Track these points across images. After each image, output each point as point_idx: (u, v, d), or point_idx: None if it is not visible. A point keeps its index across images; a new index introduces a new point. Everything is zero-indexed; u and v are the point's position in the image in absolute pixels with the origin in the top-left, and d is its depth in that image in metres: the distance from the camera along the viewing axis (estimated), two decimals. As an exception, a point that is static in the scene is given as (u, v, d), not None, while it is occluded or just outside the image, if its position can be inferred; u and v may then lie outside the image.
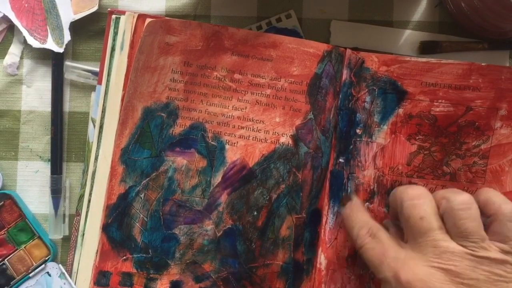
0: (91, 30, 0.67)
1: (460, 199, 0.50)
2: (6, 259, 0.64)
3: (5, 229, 0.64)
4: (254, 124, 0.62)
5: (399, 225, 0.56)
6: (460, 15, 0.64)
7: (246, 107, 0.63)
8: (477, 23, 0.63)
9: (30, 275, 0.64)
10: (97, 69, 0.65)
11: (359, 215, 0.58)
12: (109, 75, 0.64)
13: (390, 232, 0.56)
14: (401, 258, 0.51)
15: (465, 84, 0.62)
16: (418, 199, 0.52)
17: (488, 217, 0.52)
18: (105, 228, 0.63)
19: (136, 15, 0.64)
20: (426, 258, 0.50)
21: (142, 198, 0.63)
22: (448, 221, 0.50)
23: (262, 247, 0.62)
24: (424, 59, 0.62)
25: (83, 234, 0.63)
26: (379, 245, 0.53)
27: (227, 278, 0.62)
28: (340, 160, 0.62)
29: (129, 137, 0.63)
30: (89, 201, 0.64)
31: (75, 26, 0.67)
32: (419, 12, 0.67)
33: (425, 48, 0.66)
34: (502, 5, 0.57)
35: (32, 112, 0.67)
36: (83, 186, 0.64)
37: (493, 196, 0.52)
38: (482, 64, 0.62)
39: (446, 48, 0.66)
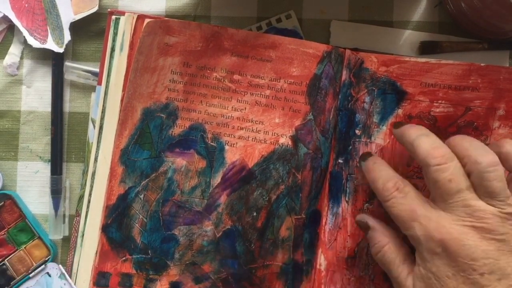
0: (91, 30, 0.67)
1: (488, 161, 0.51)
2: (6, 259, 0.64)
3: (5, 229, 0.64)
4: (254, 125, 0.62)
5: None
6: (460, 15, 0.64)
7: (245, 108, 0.63)
8: (477, 23, 0.63)
9: (30, 275, 0.64)
10: (97, 70, 0.65)
11: (384, 168, 0.58)
12: (109, 75, 0.64)
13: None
14: (434, 217, 0.51)
15: (464, 84, 0.61)
16: (444, 163, 0.52)
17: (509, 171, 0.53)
18: (105, 229, 0.63)
19: (135, 16, 0.64)
20: (458, 217, 0.50)
21: (142, 198, 0.63)
22: (476, 181, 0.51)
23: (262, 248, 0.62)
24: (423, 60, 0.62)
25: (83, 235, 0.63)
26: (408, 200, 0.53)
27: (226, 279, 0.62)
28: (339, 160, 0.62)
29: (128, 138, 0.63)
30: (88, 201, 0.64)
31: (75, 26, 0.67)
32: (419, 12, 0.67)
33: (425, 48, 0.66)
34: (502, 5, 0.57)
35: (32, 113, 0.67)
36: (83, 186, 0.64)
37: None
38: (481, 64, 0.62)
39: (446, 48, 0.66)
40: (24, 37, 0.66)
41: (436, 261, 0.50)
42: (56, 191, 0.65)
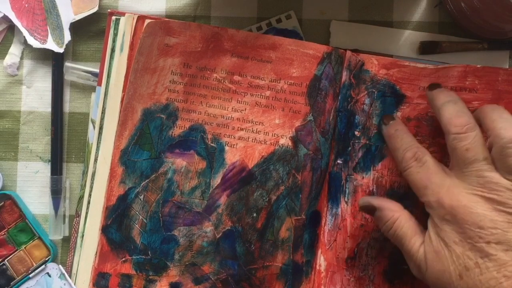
0: (91, 30, 0.67)
1: (510, 137, 0.51)
2: (6, 259, 0.64)
3: (5, 229, 0.65)
4: (254, 125, 0.63)
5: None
6: (460, 15, 0.64)
7: (245, 109, 0.63)
8: (477, 23, 0.63)
9: (30, 275, 0.64)
10: (97, 70, 0.65)
11: (405, 136, 0.58)
12: (109, 76, 0.64)
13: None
14: (446, 184, 0.52)
15: (461, 85, 0.62)
16: (465, 132, 0.52)
17: None
18: (105, 230, 0.63)
19: (136, 17, 0.64)
20: (470, 186, 0.51)
21: (142, 199, 0.63)
22: (496, 155, 0.51)
23: (262, 248, 0.62)
24: (422, 65, 0.62)
25: (83, 235, 0.64)
26: (425, 169, 0.54)
27: (226, 279, 0.62)
28: (339, 161, 0.62)
29: (128, 139, 0.63)
30: (88, 202, 0.64)
31: (75, 27, 0.67)
32: (419, 12, 0.67)
33: (425, 49, 0.66)
34: (502, 5, 0.57)
35: (32, 113, 0.67)
36: (83, 187, 0.64)
37: None
38: (478, 66, 0.62)
39: (446, 48, 0.66)
40: (24, 37, 0.66)
41: (445, 226, 0.51)
42: (56, 192, 0.65)
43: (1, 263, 0.64)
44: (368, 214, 0.60)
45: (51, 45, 0.66)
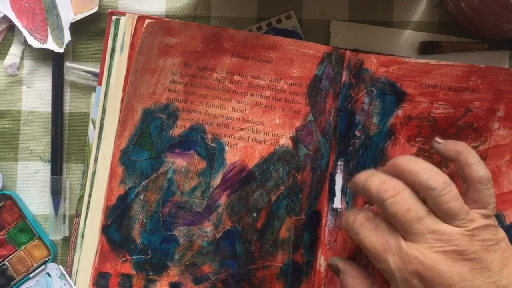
0: (91, 30, 0.67)
1: (440, 184, 0.50)
2: (6, 259, 0.64)
3: (5, 229, 0.65)
4: (254, 125, 0.63)
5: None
6: (460, 15, 0.64)
7: (245, 109, 0.63)
8: (477, 23, 0.63)
9: (30, 275, 0.64)
10: (97, 70, 0.65)
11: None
12: (109, 76, 0.64)
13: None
14: (403, 248, 0.50)
15: (464, 85, 0.62)
16: (398, 194, 0.51)
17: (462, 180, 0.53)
18: (105, 229, 0.63)
19: (136, 17, 0.64)
20: (427, 245, 0.50)
21: (142, 199, 0.63)
22: (433, 206, 0.50)
23: (262, 248, 0.62)
24: (423, 61, 0.62)
25: (83, 235, 0.64)
26: (380, 232, 0.53)
27: (226, 279, 0.62)
28: (339, 162, 0.62)
29: (128, 139, 0.63)
30: (88, 202, 0.64)
31: (75, 27, 0.67)
32: (419, 13, 0.67)
33: (425, 49, 0.66)
34: (502, 5, 0.57)
35: (32, 113, 0.67)
36: (83, 187, 0.64)
37: (469, 158, 0.53)
38: (481, 66, 0.62)
39: (446, 49, 0.66)
40: (24, 37, 0.66)
41: None
42: (56, 192, 0.65)
43: (1, 263, 0.64)
44: (335, 274, 0.59)
45: (51, 45, 0.66)
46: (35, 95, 0.67)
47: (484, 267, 0.49)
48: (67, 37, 0.66)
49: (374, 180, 0.53)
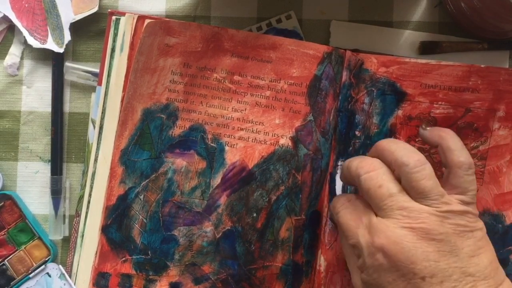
0: (91, 30, 0.67)
1: (413, 161, 0.50)
2: (6, 259, 0.64)
3: (5, 229, 0.65)
4: (254, 125, 0.63)
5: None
6: (460, 15, 0.64)
7: (245, 109, 0.63)
8: (477, 23, 0.63)
9: (30, 275, 0.64)
10: (97, 70, 0.65)
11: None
12: (109, 76, 0.64)
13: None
14: (373, 223, 0.51)
15: (464, 86, 0.61)
16: (373, 170, 0.52)
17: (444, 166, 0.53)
18: (105, 229, 0.63)
19: (136, 17, 0.64)
20: (395, 220, 0.49)
21: (142, 199, 0.63)
22: (406, 184, 0.50)
23: (262, 248, 0.62)
24: (423, 61, 0.62)
25: (83, 235, 0.64)
26: (357, 210, 0.53)
27: (226, 279, 0.62)
28: (340, 162, 0.62)
29: (128, 138, 0.63)
30: (88, 202, 0.64)
31: (75, 27, 0.67)
32: (419, 13, 0.67)
33: (425, 49, 0.66)
34: (502, 5, 0.57)
35: (32, 113, 0.67)
36: (83, 187, 0.64)
37: (452, 143, 0.53)
38: (482, 66, 0.61)
39: (446, 49, 0.66)
40: (24, 37, 0.66)
41: (377, 267, 0.50)
42: (56, 192, 0.65)
43: (1, 263, 0.64)
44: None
45: (51, 45, 0.66)
46: (35, 95, 0.67)
47: (452, 251, 0.48)
48: (67, 37, 0.66)
49: (354, 159, 0.54)
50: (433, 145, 0.55)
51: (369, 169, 0.52)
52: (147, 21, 0.64)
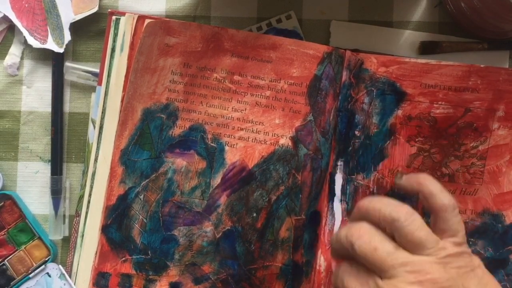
0: (91, 30, 0.67)
1: (403, 215, 0.50)
2: (6, 259, 0.64)
3: (5, 229, 0.65)
4: (254, 125, 0.63)
5: None
6: (460, 15, 0.64)
7: (245, 109, 0.63)
8: (477, 23, 0.63)
9: (30, 275, 0.64)
10: (97, 70, 0.65)
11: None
12: (109, 76, 0.64)
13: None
14: (380, 285, 0.49)
15: (464, 85, 0.62)
16: (364, 234, 0.51)
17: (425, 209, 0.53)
18: (105, 229, 0.63)
19: (136, 17, 0.64)
20: (401, 279, 0.48)
21: (142, 199, 0.63)
22: (401, 239, 0.50)
23: (261, 248, 0.62)
24: (423, 60, 0.62)
25: (83, 235, 0.64)
26: (361, 274, 0.52)
27: (226, 279, 0.62)
28: (339, 162, 0.62)
29: (128, 138, 0.63)
30: (88, 202, 0.64)
31: (75, 27, 0.67)
32: (419, 13, 0.67)
33: (425, 49, 0.66)
34: (502, 5, 0.57)
35: (32, 113, 0.67)
36: (83, 187, 0.64)
37: (431, 188, 0.52)
38: (481, 66, 0.62)
39: (446, 49, 0.66)
40: (24, 37, 0.66)
41: None
42: (56, 192, 0.65)
43: (1, 263, 0.64)
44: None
45: (51, 45, 0.66)
46: (35, 95, 0.67)
47: None
48: (67, 37, 0.66)
49: (342, 230, 0.53)
50: (412, 193, 0.54)
51: (359, 234, 0.51)
52: (147, 21, 0.64)
